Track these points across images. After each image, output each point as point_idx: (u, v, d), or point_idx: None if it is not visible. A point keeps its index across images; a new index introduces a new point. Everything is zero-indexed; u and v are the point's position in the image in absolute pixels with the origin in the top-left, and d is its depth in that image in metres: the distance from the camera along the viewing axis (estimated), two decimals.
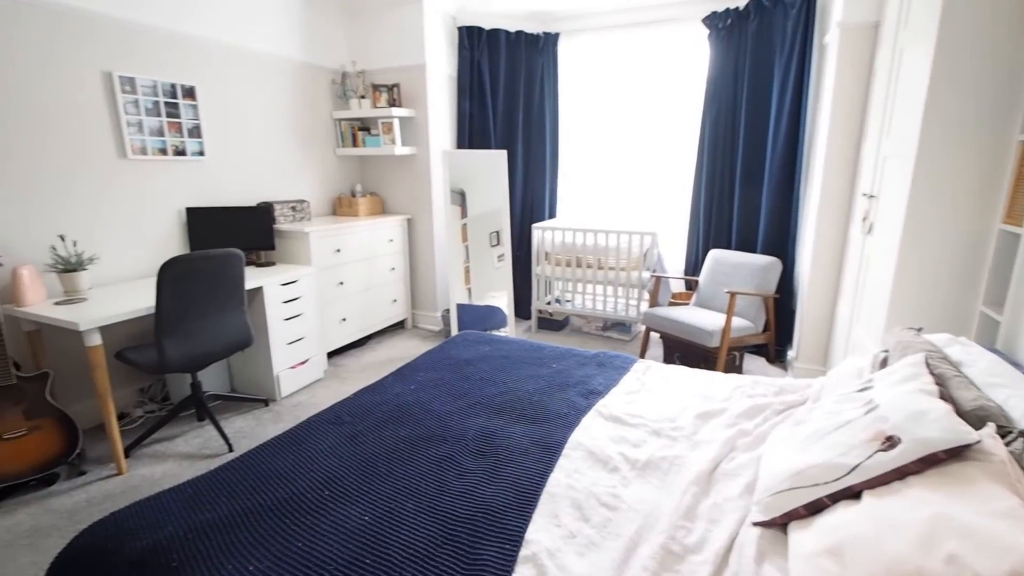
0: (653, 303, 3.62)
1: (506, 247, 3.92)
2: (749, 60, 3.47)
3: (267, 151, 3.55)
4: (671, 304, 3.94)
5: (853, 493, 1.04)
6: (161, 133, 2.87)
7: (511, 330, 3.95)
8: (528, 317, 4.47)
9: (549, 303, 4.26)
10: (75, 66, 2.52)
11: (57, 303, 2.29)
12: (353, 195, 4.21)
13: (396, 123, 3.95)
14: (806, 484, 1.10)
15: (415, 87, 4.02)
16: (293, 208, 3.51)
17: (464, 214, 3.81)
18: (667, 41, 3.93)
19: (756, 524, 1.15)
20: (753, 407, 1.67)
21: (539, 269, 4.19)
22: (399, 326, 4.39)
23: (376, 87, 4.00)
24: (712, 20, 3.54)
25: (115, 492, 2.16)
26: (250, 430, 2.67)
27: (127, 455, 2.37)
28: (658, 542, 1.11)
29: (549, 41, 4.16)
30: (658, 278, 3.61)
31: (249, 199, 3.45)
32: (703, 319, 3.12)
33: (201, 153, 3.09)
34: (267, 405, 2.94)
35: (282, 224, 3.40)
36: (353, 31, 4.13)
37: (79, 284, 2.37)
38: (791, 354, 3.41)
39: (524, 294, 4.47)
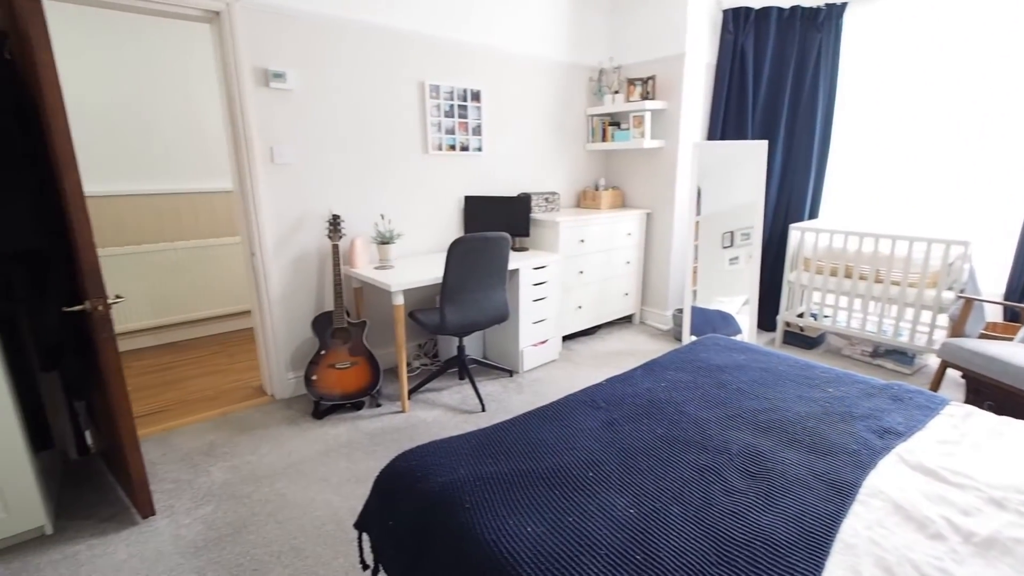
0: (957, 332, 2.87)
1: (755, 248, 3.55)
2: None
3: (528, 146, 3.88)
4: (983, 336, 3.07)
5: None
6: (452, 132, 3.37)
7: (749, 341, 3.58)
8: (771, 329, 4.00)
9: (801, 316, 3.74)
10: (401, 77, 3.12)
11: (376, 268, 2.91)
12: (596, 188, 4.33)
13: (647, 116, 3.90)
14: None
15: (670, 78, 3.90)
16: (546, 199, 3.77)
17: (698, 211, 3.58)
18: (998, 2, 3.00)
19: None
20: None
21: (793, 276, 3.70)
22: (627, 320, 4.39)
23: (631, 81, 4.01)
24: None
25: (401, 426, 2.66)
26: (497, 395, 3.00)
27: (408, 397, 2.88)
28: None
29: (832, 13, 3.57)
30: (968, 300, 2.84)
31: (512, 189, 3.83)
32: None
33: (479, 149, 3.54)
34: (511, 376, 3.25)
35: (536, 213, 3.69)
36: (614, 27, 4.20)
37: (389, 255, 2.96)
38: None
39: (769, 303, 4.01)
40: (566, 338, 3.88)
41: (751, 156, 3.51)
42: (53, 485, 2.07)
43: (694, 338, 3.64)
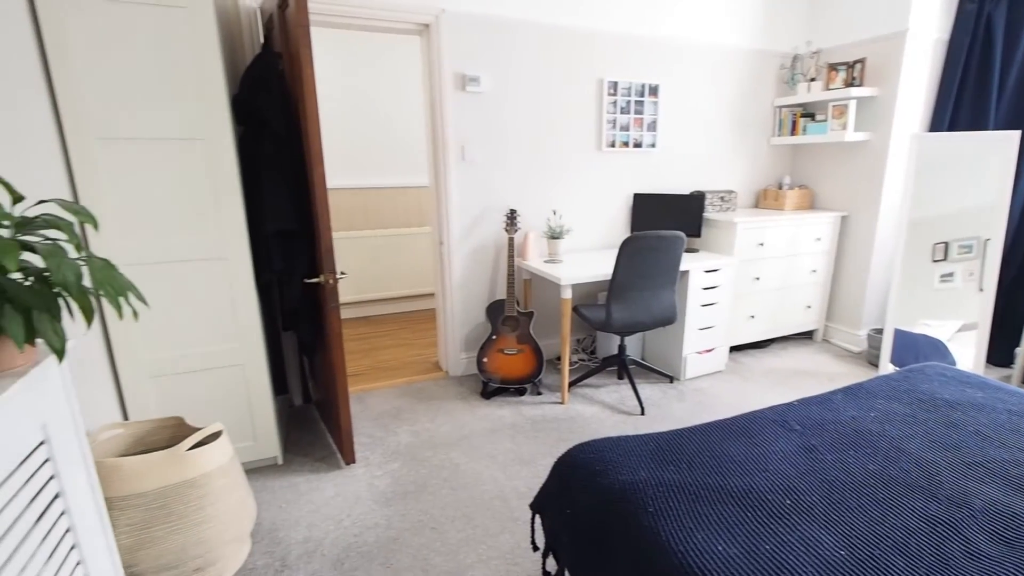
0: None
1: (991, 264, 2.91)
2: None
3: (704, 142, 3.67)
4: None
5: None
6: (627, 128, 3.33)
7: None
8: (1004, 364, 3.27)
9: None
10: (580, 75, 3.16)
11: (545, 261, 3.01)
12: (780, 187, 3.93)
13: (851, 105, 3.42)
14: None
15: (885, 61, 3.36)
16: (722, 198, 3.53)
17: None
18: None
19: None
20: None
21: None
22: (806, 336, 3.93)
23: (832, 67, 3.54)
24: None
25: (560, 416, 2.72)
26: (656, 400, 2.91)
27: (568, 389, 2.94)
28: None
29: None
30: None
31: (683, 187, 3.66)
32: None
33: (653, 145, 3.44)
34: (671, 382, 3.13)
35: (710, 213, 3.48)
36: (814, 7, 3.75)
37: (558, 249, 3.04)
38: None
39: (1004, 332, 3.27)
40: (734, 349, 3.61)
41: (992, 151, 2.87)
42: (282, 424, 2.53)
43: (892, 367, 3.13)
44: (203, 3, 1.79)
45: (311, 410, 2.82)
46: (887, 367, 3.16)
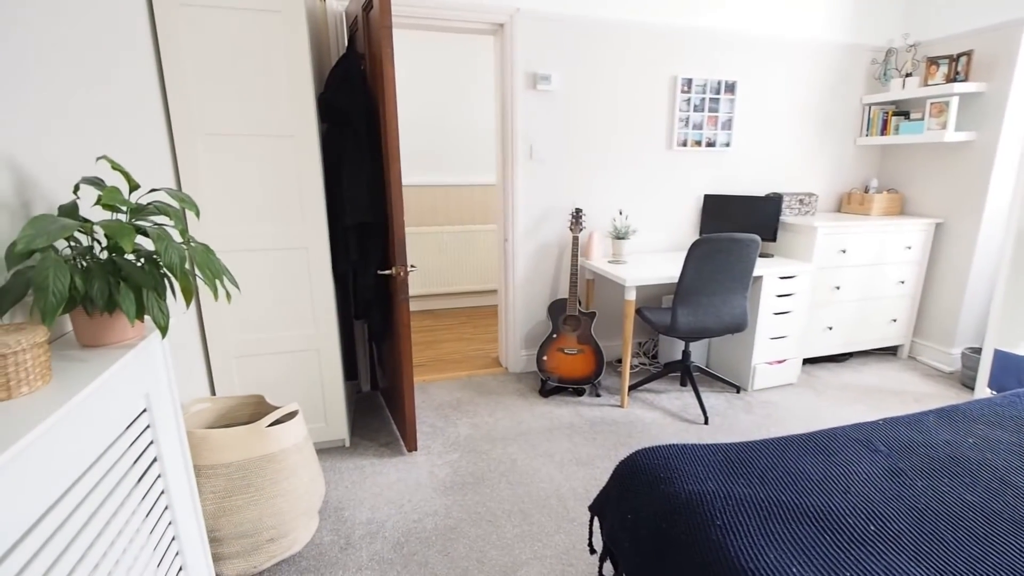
0: None
1: None
2: None
3: (782, 141, 3.48)
4: None
5: None
6: (701, 127, 3.22)
7: None
8: None
9: None
10: (653, 72, 3.08)
11: (609, 262, 2.97)
12: (866, 191, 3.66)
13: (953, 102, 3.13)
14: None
15: (997, 53, 3.05)
16: (801, 201, 3.34)
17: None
18: None
19: None
20: None
21: None
22: (890, 351, 3.65)
23: (932, 60, 3.26)
24: None
25: (619, 420, 2.68)
26: (721, 410, 2.80)
27: (628, 393, 2.89)
28: None
29: None
30: None
31: (758, 189, 3.50)
32: None
33: (727, 144, 3.31)
34: (738, 392, 3.00)
35: (787, 216, 3.30)
36: None
37: (623, 250, 2.99)
38: None
39: None
40: (808, 361, 3.41)
41: None
42: (351, 409, 2.65)
43: (990, 391, 2.84)
44: (296, 7, 1.90)
45: (377, 397, 2.94)
46: (984, 390, 2.87)
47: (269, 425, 1.65)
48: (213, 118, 1.91)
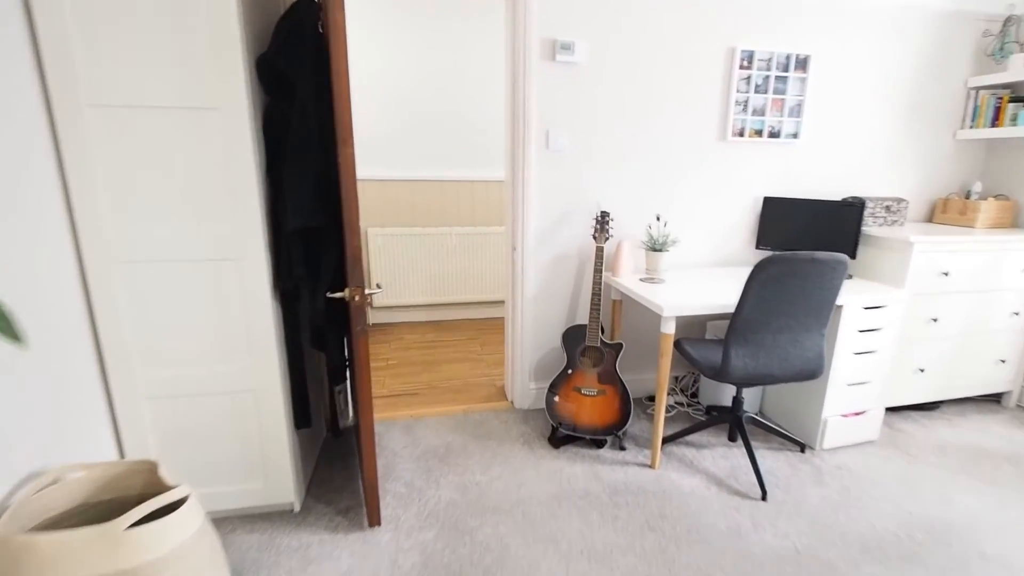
0: None
1: None
2: None
3: (864, 133, 2.80)
4: None
5: None
6: (762, 113, 2.57)
7: None
8: None
9: None
10: (703, 43, 2.46)
11: (641, 280, 2.36)
12: (968, 195, 2.95)
13: None
14: None
15: None
16: (888, 208, 2.66)
17: None
18: None
19: None
20: None
21: None
22: (992, 399, 2.93)
23: None
24: None
25: (648, 487, 2.08)
26: (783, 477, 2.17)
27: (661, 447, 2.28)
28: None
29: None
30: None
31: (832, 191, 2.83)
32: None
33: (795, 135, 2.65)
34: (803, 451, 2.36)
35: (870, 227, 2.63)
36: None
37: (659, 264, 2.38)
38: None
39: None
40: (889, 410, 2.73)
41: None
42: (309, 462, 2.12)
43: None
44: None
45: (351, 440, 2.41)
46: None
47: (135, 524, 1.14)
48: (107, 84, 1.41)
